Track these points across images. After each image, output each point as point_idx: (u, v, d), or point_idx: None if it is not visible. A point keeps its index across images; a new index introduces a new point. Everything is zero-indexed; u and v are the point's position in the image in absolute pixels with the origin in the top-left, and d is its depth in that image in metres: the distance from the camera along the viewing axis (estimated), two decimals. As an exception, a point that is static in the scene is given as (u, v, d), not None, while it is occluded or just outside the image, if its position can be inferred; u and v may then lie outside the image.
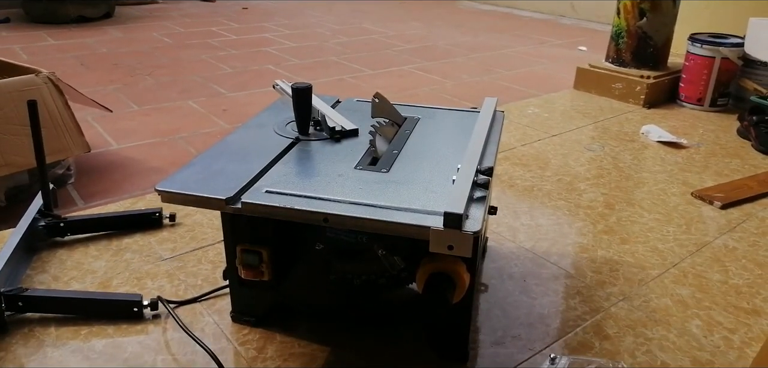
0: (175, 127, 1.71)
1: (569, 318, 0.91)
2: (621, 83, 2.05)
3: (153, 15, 3.54)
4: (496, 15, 4.04)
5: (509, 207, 1.26)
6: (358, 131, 0.89)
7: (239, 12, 3.74)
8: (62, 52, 2.56)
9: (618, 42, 2.10)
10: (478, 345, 0.84)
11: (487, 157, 0.81)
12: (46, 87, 1.29)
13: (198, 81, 2.20)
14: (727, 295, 0.98)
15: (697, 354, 0.84)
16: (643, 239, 1.15)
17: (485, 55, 2.79)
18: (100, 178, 1.38)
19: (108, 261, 1.02)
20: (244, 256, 0.75)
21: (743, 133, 1.74)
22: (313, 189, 0.72)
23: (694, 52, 1.98)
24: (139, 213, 1.14)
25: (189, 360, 0.80)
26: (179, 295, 0.93)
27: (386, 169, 0.78)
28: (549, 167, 1.48)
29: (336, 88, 2.17)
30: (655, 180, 1.43)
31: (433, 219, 0.64)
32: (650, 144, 1.66)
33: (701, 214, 1.26)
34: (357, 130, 0.89)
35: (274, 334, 0.84)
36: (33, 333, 0.84)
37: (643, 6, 2.00)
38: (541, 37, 3.30)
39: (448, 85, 2.26)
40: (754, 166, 1.53)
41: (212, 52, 2.67)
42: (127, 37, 2.91)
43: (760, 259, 1.09)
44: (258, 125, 0.94)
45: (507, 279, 1.00)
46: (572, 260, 1.07)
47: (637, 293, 0.98)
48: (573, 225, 1.20)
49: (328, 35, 3.13)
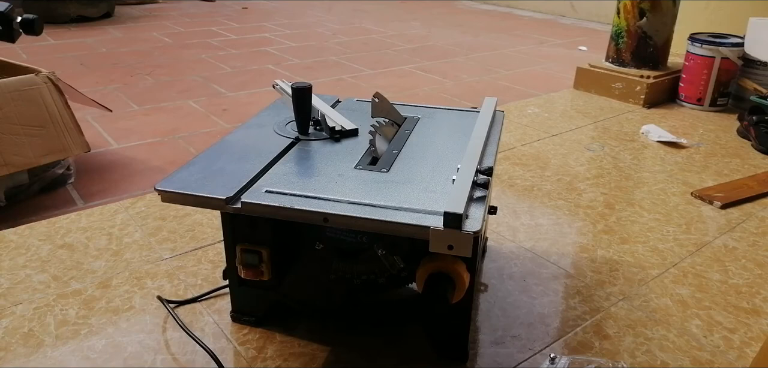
0: (175, 127, 1.71)
1: (569, 317, 0.91)
2: (621, 83, 2.05)
3: (153, 15, 3.54)
4: (496, 15, 4.04)
5: (509, 207, 1.26)
6: (358, 131, 0.90)
7: (239, 12, 3.74)
8: (62, 52, 2.56)
9: (618, 42, 2.10)
10: (478, 345, 0.84)
11: (487, 156, 0.81)
12: (46, 86, 1.29)
13: (198, 81, 2.20)
14: (727, 295, 0.98)
15: (697, 354, 0.84)
16: (642, 239, 1.15)
17: (485, 55, 2.79)
18: (100, 178, 1.38)
19: (108, 261, 1.02)
20: (244, 256, 0.75)
21: (743, 133, 1.74)
22: (313, 189, 0.72)
23: (694, 52, 1.98)
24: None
25: (189, 360, 0.80)
26: (179, 295, 0.93)
27: (386, 169, 0.78)
28: (549, 167, 1.48)
29: (336, 87, 2.17)
30: (655, 180, 1.43)
31: (433, 219, 0.64)
32: (650, 144, 1.66)
33: (701, 214, 1.26)
34: (357, 129, 0.89)
35: (274, 334, 0.84)
36: (33, 333, 0.84)
37: (643, 6, 2.00)
38: (541, 37, 3.30)
39: (448, 85, 2.26)
40: (754, 166, 1.53)
41: (212, 51, 2.67)
42: (127, 37, 2.91)
43: (760, 259, 1.09)
44: (258, 125, 0.94)
45: (507, 278, 1.00)
46: (572, 260, 1.07)
47: (636, 293, 0.98)
48: (573, 224, 1.20)
49: (328, 35, 3.13)
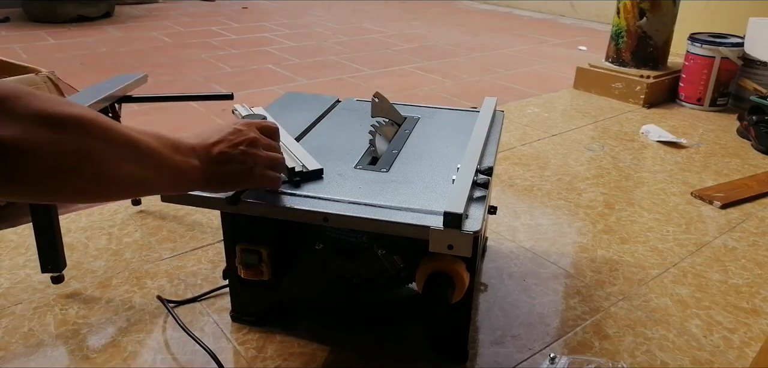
0: (175, 127, 1.71)
1: (569, 317, 0.91)
2: (621, 83, 2.05)
3: (153, 14, 3.54)
4: (496, 15, 4.04)
5: (509, 207, 1.26)
6: (322, 172, 0.75)
7: (239, 11, 3.73)
8: (62, 52, 2.56)
9: (618, 42, 2.10)
10: (478, 345, 0.84)
11: (486, 156, 0.81)
12: (46, 86, 1.29)
13: (198, 80, 2.20)
14: (727, 295, 0.98)
15: (697, 354, 0.84)
16: (642, 239, 1.15)
17: (485, 55, 2.79)
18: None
19: (108, 261, 1.02)
20: (244, 256, 0.75)
21: (743, 133, 1.74)
22: (313, 189, 0.72)
23: (693, 52, 1.98)
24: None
25: (188, 360, 0.80)
26: (179, 295, 0.93)
27: (386, 169, 0.78)
28: (549, 167, 1.48)
29: (336, 87, 2.17)
30: (655, 179, 1.43)
31: (433, 219, 0.64)
32: (650, 144, 1.66)
33: (701, 214, 1.26)
34: (321, 170, 0.75)
35: (274, 334, 0.84)
36: (33, 333, 0.84)
37: (643, 6, 2.00)
38: (541, 37, 3.30)
39: (448, 85, 2.26)
40: (754, 166, 1.53)
41: (212, 51, 2.67)
42: (126, 37, 2.91)
43: (759, 259, 1.09)
44: (258, 125, 0.94)
45: (507, 278, 1.00)
46: (572, 260, 1.07)
47: (636, 293, 0.98)
48: (573, 224, 1.20)
49: (328, 35, 3.12)
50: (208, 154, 0.60)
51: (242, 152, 0.63)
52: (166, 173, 0.56)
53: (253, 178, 0.65)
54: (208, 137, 0.62)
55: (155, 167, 0.54)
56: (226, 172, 0.62)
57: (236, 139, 0.63)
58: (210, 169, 0.60)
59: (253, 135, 0.65)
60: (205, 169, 0.60)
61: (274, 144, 0.69)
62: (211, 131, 0.63)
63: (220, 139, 0.62)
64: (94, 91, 0.97)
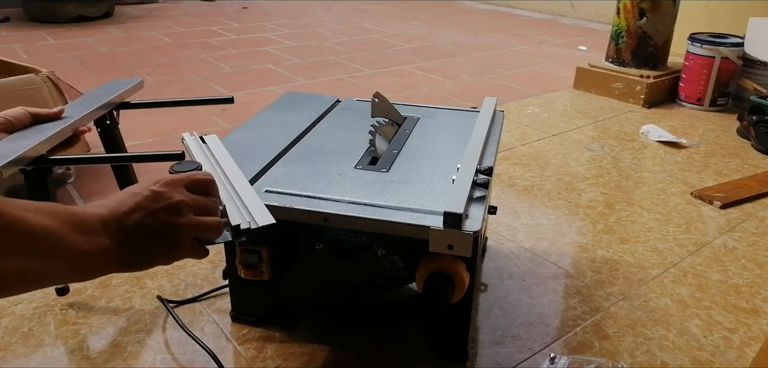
0: (175, 127, 1.71)
1: (569, 317, 0.91)
2: (621, 83, 2.05)
3: (152, 14, 3.54)
4: (496, 15, 4.04)
5: (509, 207, 1.26)
6: (275, 225, 0.62)
7: (239, 11, 3.73)
8: (62, 52, 2.56)
9: (618, 42, 2.10)
10: (478, 345, 0.84)
11: (486, 156, 0.81)
12: (46, 86, 1.29)
13: (198, 80, 2.20)
14: (727, 295, 0.98)
15: (697, 354, 0.84)
16: (642, 239, 1.15)
17: (485, 55, 2.79)
18: (100, 178, 1.38)
19: (108, 260, 1.02)
20: (244, 256, 0.75)
21: (743, 133, 1.74)
22: (313, 189, 0.72)
23: (693, 52, 1.98)
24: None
25: (188, 360, 0.80)
26: (179, 295, 0.93)
27: (386, 169, 0.78)
28: (549, 167, 1.48)
29: (336, 87, 2.17)
30: (655, 179, 1.43)
31: (433, 219, 0.64)
32: (650, 144, 1.66)
33: (701, 214, 1.26)
34: (274, 223, 0.61)
35: (274, 334, 0.84)
36: (33, 333, 0.84)
37: (643, 6, 2.00)
38: (541, 37, 3.30)
39: (448, 85, 2.26)
40: (754, 166, 1.53)
41: (212, 51, 2.67)
42: (126, 37, 2.91)
43: (759, 259, 1.09)
44: (258, 125, 0.94)
45: (507, 278, 1.00)
46: (572, 260, 1.07)
47: (636, 293, 0.98)
48: (573, 224, 1.20)
49: (328, 35, 3.12)
50: (120, 228, 0.50)
51: (163, 222, 0.52)
52: (64, 261, 0.46)
53: (178, 252, 0.54)
54: (123, 204, 0.51)
55: (50, 256, 0.44)
56: (143, 248, 0.51)
57: (155, 205, 0.52)
58: (123, 249, 0.50)
59: (178, 198, 0.53)
60: (118, 249, 0.49)
61: (206, 202, 0.57)
62: (127, 196, 0.52)
63: (135, 206, 0.51)
64: (91, 99, 0.96)
